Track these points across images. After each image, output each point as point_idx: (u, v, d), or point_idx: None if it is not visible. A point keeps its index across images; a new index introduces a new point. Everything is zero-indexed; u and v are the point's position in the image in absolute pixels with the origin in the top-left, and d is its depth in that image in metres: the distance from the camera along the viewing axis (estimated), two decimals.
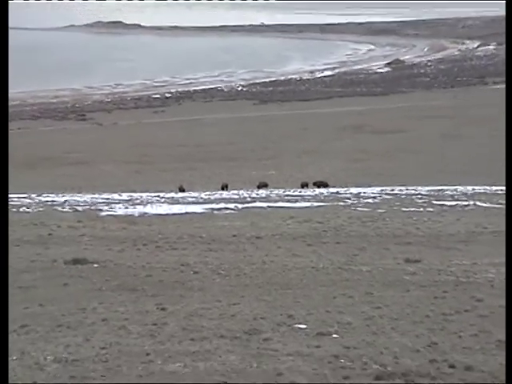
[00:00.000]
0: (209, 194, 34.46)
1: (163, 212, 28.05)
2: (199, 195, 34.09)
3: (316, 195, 33.46)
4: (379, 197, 31.67)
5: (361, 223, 24.24)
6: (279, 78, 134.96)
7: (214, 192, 36.25)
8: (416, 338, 12.00)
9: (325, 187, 38.68)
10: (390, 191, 33.94)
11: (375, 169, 48.80)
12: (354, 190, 34.67)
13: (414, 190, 33.97)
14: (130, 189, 39.35)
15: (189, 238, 21.51)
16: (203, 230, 22.88)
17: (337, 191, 34.98)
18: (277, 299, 14.56)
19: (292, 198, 32.18)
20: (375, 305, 13.99)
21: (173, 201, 31.69)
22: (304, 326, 12.70)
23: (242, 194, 34.49)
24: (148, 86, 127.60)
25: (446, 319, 13.03)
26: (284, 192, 35.50)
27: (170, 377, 10.53)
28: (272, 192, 35.71)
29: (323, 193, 34.72)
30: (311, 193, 35.02)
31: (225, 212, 27.78)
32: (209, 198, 32.55)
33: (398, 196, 31.96)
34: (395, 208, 28.09)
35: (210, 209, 28.62)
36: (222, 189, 38.96)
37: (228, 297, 14.74)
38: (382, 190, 34.15)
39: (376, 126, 71.99)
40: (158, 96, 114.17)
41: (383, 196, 31.99)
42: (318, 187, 38.93)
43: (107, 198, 32.62)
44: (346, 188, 36.26)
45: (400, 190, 34.14)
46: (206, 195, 34.02)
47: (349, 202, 30.17)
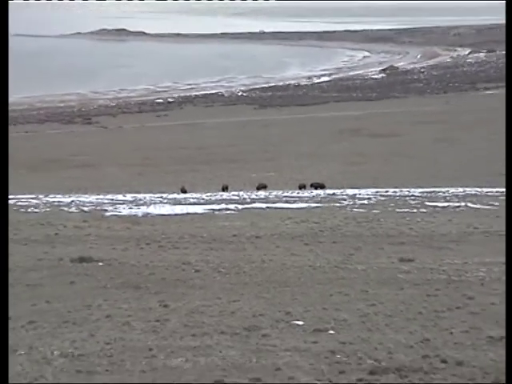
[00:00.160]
0: (210, 195, 34.45)
1: (166, 212, 28.04)
2: (200, 196, 34.08)
3: (313, 196, 33.45)
4: (374, 198, 31.65)
5: (356, 223, 24.22)
6: (278, 84, 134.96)
7: (215, 193, 36.26)
8: (409, 334, 12.00)
9: (322, 189, 38.69)
10: (385, 193, 33.92)
11: (370, 171, 48.79)
12: (350, 192, 34.64)
13: (408, 192, 33.96)
14: (134, 190, 39.35)
15: (190, 238, 21.49)
16: (204, 230, 22.87)
17: (333, 193, 34.96)
18: (275, 297, 14.56)
19: (290, 199, 32.18)
20: (370, 302, 13.99)
21: (175, 202, 31.69)
22: (301, 323, 12.69)
23: (242, 195, 34.48)
24: (151, 91, 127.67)
25: (438, 316, 13.02)
26: (282, 193, 35.49)
27: (172, 371, 10.54)
28: (271, 193, 35.70)
29: (320, 194, 34.71)
30: (309, 194, 35.01)
31: (225, 212, 27.77)
32: (210, 199, 32.55)
33: (392, 197, 31.95)
34: (389, 209, 28.08)
35: (211, 209, 28.62)
36: (223, 190, 38.95)
37: (228, 294, 14.74)
38: (377, 192, 34.13)
39: (371, 130, 72.01)
40: (161, 101, 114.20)
41: (378, 197, 31.96)
42: (316, 189, 38.95)
43: (112, 199, 32.62)
44: (342, 190, 36.24)
45: (394, 192, 34.11)
46: (207, 196, 34.02)
47: (345, 203, 30.16)
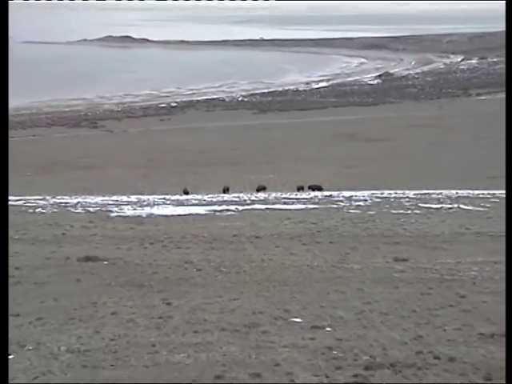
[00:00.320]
0: (211, 197, 34.46)
1: (169, 213, 28.07)
2: (202, 198, 34.10)
3: (311, 198, 33.46)
4: (370, 200, 31.66)
5: (352, 224, 24.24)
6: (277, 89, 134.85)
7: (216, 195, 36.27)
8: (403, 332, 12.01)
9: (319, 191, 38.70)
10: (380, 195, 33.93)
11: (367, 174, 48.78)
12: (347, 194, 34.65)
13: (402, 194, 33.96)
14: (138, 191, 39.35)
15: (192, 238, 21.51)
16: (206, 230, 22.88)
17: (330, 194, 34.97)
18: (274, 295, 14.57)
19: (289, 201, 32.19)
20: (366, 300, 14.01)
21: (178, 203, 31.71)
22: (299, 320, 12.71)
23: (242, 197, 34.49)
24: (155, 96, 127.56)
25: (432, 314, 13.04)
26: (281, 195, 35.50)
27: (175, 366, 10.56)
28: (270, 195, 35.72)
29: (318, 196, 34.73)
30: (306, 196, 35.03)
31: (226, 213, 27.79)
32: (211, 201, 32.56)
33: (387, 199, 31.96)
34: (384, 210, 28.09)
35: (213, 210, 28.64)
36: (224, 192, 38.96)
37: (229, 292, 14.75)
38: (373, 194, 34.14)
39: (368, 134, 71.95)
40: (165, 105, 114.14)
41: (373, 199, 31.98)
42: (313, 190, 38.96)
43: (117, 200, 32.65)
44: (339, 191, 36.25)
45: (389, 194, 34.12)
46: (209, 198, 34.03)
47: (341, 205, 30.18)
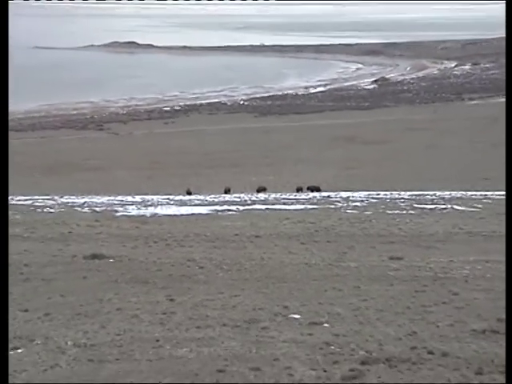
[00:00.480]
0: (213, 197, 34.48)
1: (172, 213, 28.08)
2: (205, 198, 34.12)
3: (309, 199, 33.48)
4: (366, 201, 31.68)
5: (349, 224, 24.25)
6: (277, 93, 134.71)
7: (218, 195, 36.28)
8: (398, 328, 12.02)
9: (317, 191, 38.71)
10: (376, 195, 33.94)
11: (363, 176, 48.80)
12: (344, 195, 34.67)
13: (398, 195, 33.98)
14: (143, 192, 39.36)
15: (195, 237, 21.53)
16: (208, 230, 22.90)
17: (328, 195, 34.99)
18: (274, 292, 14.59)
19: (288, 201, 32.20)
20: (362, 297, 14.02)
21: (181, 203, 31.73)
22: (298, 316, 12.72)
23: (243, 197, 34.51)
24: (159, 100, 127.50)
25: (426, 310, 13.05)
26: (281, 196, 35.53)
27: (178, 360, 10.58)
28: (270, 196, 35.75)
29: (316, 196, 34.75)
30: (305, 196, 35.05)
31: (227, 213, 27.80)
32: (213, 201, 32.58)
33: (383, 200, 31.97)
34: (380, 211, 28.10)
35: (215, 210, 28.65)
36: (225, 192, 38.98)
37: (230, 289, 14.77)
38: (369, 195, 34.16)
39: (364, 138, 71.94)
40: (169, 109, 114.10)
41: (370, 200, 31.99)
42: (312, 191, 38.97)
43: (122, 200, 32.67)
44: (337, 192, 36.27)
45: (385, 195, 34.14)
46: (211, 198, 34.05)
47: (339, 205, 30.18)
